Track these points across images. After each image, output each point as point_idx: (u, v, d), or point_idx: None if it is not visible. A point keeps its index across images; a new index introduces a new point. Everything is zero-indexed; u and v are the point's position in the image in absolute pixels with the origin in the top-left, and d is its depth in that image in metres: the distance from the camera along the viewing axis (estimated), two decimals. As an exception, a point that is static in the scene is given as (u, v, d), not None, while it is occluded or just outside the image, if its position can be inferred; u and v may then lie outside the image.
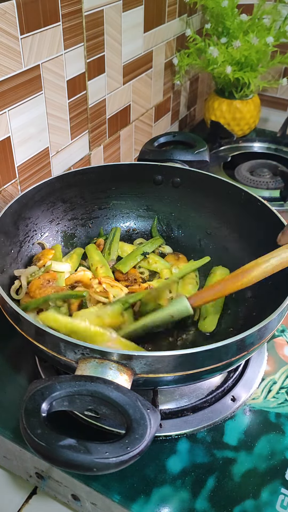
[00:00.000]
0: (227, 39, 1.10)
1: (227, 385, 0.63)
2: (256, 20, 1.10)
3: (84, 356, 0.46)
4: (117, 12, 0.86)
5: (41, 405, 0.41)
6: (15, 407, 0.60)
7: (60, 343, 0.46)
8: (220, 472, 0.54)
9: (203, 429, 0.58)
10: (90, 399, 0.43)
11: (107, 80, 0.90)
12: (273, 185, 1.05)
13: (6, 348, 0.68)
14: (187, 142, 0.88)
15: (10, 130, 0.70)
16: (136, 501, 0.51)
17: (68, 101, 0.81)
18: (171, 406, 0.60)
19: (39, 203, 0.73)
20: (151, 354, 0.45)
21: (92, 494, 0.53)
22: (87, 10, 0.78)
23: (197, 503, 0.51)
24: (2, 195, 0.73)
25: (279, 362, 0.67)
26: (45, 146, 0.79)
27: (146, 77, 1.04)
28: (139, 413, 0.41)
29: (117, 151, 1.03)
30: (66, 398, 0.43)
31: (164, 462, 0.55)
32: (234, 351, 0.49)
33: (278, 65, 1.15)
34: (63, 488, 0.57)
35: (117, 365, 0.45)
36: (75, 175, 0.76)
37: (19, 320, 0.51)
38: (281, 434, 0.58)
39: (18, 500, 0.59)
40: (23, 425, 0.40)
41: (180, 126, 1.34)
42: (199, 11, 1.20)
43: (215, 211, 0.77)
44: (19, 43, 0.66)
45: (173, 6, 1.06)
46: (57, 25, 0.72)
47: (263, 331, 0.50)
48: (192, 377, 0.49)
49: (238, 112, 1.19)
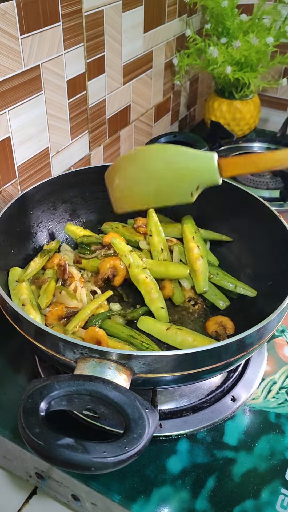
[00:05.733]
0: (227, 39, 1.10)
1: (227, 385, 0.63)
2: (256, 20, 1.10)
3: (83, 356, 0.46)
4: (117, 12, 0.86)
5: (40, 405, 0.41)
6: (15, 407, 0.60)
7: (59, 342, 0.46)
8: (220, 472, 0.54)
9: (203, 429, 0.58)
10: (89, 398, 0.43)
11: (107, 80, 0.90)
12: (273, 185, 1.05)
13: (6, 348, 0.68)
14: (187, 142, 0.88)
15: (10, 130, 0.70)
16: (136, 501, 0.51)
17: (68, 101, 0.81)
18: (171, 406, 0.60)
19: (39, 203, 0.73)
20: (150, 354, 0.45)
21: (92, 494, 0.53)
22: (87, 10, 0.78)
23: (197, 503, 0.51)
24: (2, 195, 0.73)
25: (279, 362, 0.67)
26: (45, 146, 0.79)
27: (146, 77, 1.04)
28: (137, 413, 0.41)
29: (117, 151, 1.03)
30: (64, 397, 0.43)
31: (164, 462, 0.55)
32: (233, 351, 0.49)
33: (278, 65, 1.15)
34: (63, 488, 0.56)
35: (116, 364, 0.45)
36: (75, 175, 0.76)
37: (19, 320, 0.51)
38: (281, 434, 0.58)
39: (18, 500, 0.59)
40: (22, 424, 0.40)
41: (180, 126, 1.34)
42: (199, 11, 1.20)
43: (215, 211, 0.77)
44: (19, 43, 0.66)
45: (173, 6, 1.06)
46: (57, 25, 0.72)
47: (262, 331, 0.50)
48: (191, 377, 0.49)
49: (238, 112, 1.18)
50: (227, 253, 0.75)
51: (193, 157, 0.55)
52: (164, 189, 0.59)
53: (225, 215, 0.76)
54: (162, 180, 0.59)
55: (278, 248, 0.65)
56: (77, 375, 0.44)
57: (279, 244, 0.65)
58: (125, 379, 0.45)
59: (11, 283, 0.64)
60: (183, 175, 0.57)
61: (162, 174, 0.59)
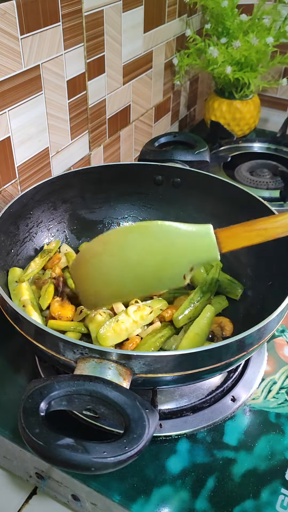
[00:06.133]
0: (227, 39, 1.10)
1: (227, 385, 0.63)
2: (256, 20, 1.10)
3: (83, 356, 0.46)
4: (117, 12, 0.86)
5: (40, 405, 0.41)
6: (15, 407, 0.60)
7: (59, 342, 0.46)
8: (220, 472, 0.54)
9: (203, 429, 0.58)
10: (89, 398, 0.43)
11: (107, 80, 0.90)
12: (273, 185, 1.05)
13: (6, 348, 0.68)
14: (187, 142, 0.88)
15: (10, 130, 0.70)
16: (136, 501, 0.51)
17: (68, 101, 0.81)
18: (171, 406, 0.60)
19: (39, 203, 0.73)
20: (150, 354, 0.45)
21: (92, 494, 0.53)
22: (87, 10, 0.78)
23: (197, 503, 0.51)
24: (2, 195, 0.73)
25: (279, 362, 0.67)
26: (45, 146, 0.79)
27: (146, 77, 1.04)
28: (137, 413, 0.41)
29: (117, 151, 1.03)
30: (64, 397, 0.42)
31: (164, 462, 0.55)
32: (233, 351, 0.49)
33: (278, 65, 1.15)
34: (63, 488, 0.56)
35: (116, 365, 0.45)
36: (75, 175, 0.76)
37: (19, 320, 0.51)
38: (281, 434, 0.58)
39: (18, 500, 0.59)
40: (22, 424, 0.39)
41: (180, 126, 1.34)
42: (199, 11, 1.20)
43: (215, 211, 0.77)
44: (19, 43, 0.66)
45: (173, 6, 1.06)
46: (57, 25, 0.72)
47: (262, 331, 0.50)
48: (191, 377, 0.49)
49: (238, 112, 1.18)
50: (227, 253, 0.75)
51: (185, 235, 0.45)
52: (149, 278, 0.47)
53: (224, 215, 0.76)
54: (146, 267, 0.46)
55: (278, 248, 0.65)
56: (77, 375, 0.44)
57: (279, 244, 0.65)
58: (125, 379, 0.45)
59: (11, 283, 0.64)
60: (174, 259, 0.46)
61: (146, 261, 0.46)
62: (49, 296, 0.64)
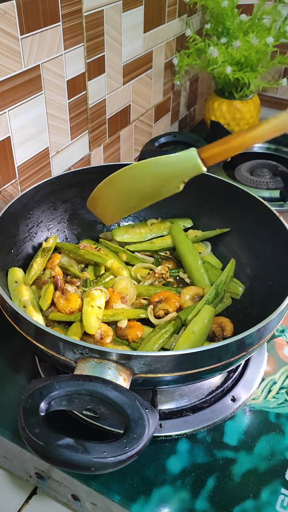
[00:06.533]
0: (227, 39, 1.10)
1: (227, 385, 0.63)
2: (256, 20, 1.10)
3: (83, 356, 0.46)
4: (117, 12, 0.86)
5: (40, 405, 0.41)
6: (15, 407, 0.60)
7: (59, 342, 0.46)
8: (220, 472, 0.54)
9: (203, 429, 0.58)
10: (89, 398, 0.43)
11: (107, 80, 0.90)
12: (273, 185, 1.05)
13: (6, 348, 0.68)
14: (187, 142, 0.88)
15: (10, 130, 0.70)
16: (136, 501, 0.51)
17: (68, 101, 0.81)
18: (171, 406, 0.60)
19: (39, 203, 0.73)
20: (150, 354, 0.45)
21: (92, 494, 0.53)
22: (87, 10, 0.78)
23: (197, 503, 0.51)
24: (2, 195, 0.73)
25: (279, 362, 0.67)
26: (45, 146, 0.79)
27: (146, 77, 1.04)
28: (137, 413, 0.41)
29: (117, 151, 1.03)
30: (64, 397, 0.43)
31: (164, 462, 0.55)
32: (233, 351, 0.49)
33: (278, 65, 1.15)
34: (63, 488, 0.56)
35: (116, 365, 0.45)
36: (75, 175, 0.76)
37: (19, 320, 0.51)
38: (281, 434, 0.58)
39: (18, 500, 0.59)
40: (22, 424, 0.39)
41: (180, 126, 1.34)
42: (199, 11, 1.20)
43: (215, 211, 0.77)
44: (19, 43, 0.66)
45: (173, 6, 1.06)
46: (57, 25, 0.72)
47: (262, 331, 0.50)
48: (191, 377, 0.49)
49: (238, 112, 1.18)
50: (227, 253, 0.75)
51: (176, 161, 0.59)
52: (150, 194, 0.64)
53: (225, 215, 0.76)
54: (149, 188, 0.63)
55: (278, 248, 0.65)
56: (77, 375, 0.44)
57: (279, 244, 0.65)
58: (125, 379, 0.45)
59: (11, 283, 0.64)
60: (169, 179, 0.61)
61: (148, 185, 0.63)
62: (49, 296, 0.64)
